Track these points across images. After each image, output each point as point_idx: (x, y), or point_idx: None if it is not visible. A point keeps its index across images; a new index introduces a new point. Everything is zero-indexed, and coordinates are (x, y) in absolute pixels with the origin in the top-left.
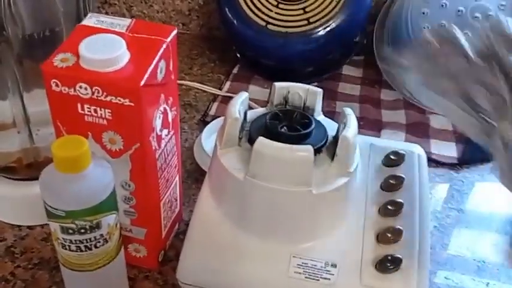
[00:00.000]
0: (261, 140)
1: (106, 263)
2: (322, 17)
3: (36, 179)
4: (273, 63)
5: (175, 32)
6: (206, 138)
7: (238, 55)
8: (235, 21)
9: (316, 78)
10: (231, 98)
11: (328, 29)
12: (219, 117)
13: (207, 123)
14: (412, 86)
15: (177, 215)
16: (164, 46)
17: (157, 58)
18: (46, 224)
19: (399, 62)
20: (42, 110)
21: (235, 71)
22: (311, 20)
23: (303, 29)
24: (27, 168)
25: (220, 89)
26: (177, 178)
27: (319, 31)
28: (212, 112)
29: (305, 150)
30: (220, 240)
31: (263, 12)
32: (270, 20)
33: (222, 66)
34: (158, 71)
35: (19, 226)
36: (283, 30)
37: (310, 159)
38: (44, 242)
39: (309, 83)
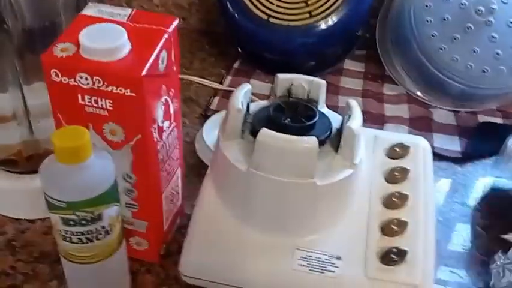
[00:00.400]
0: (264, 131)
1: (107, 256)
2: (324, 10)
3: (37, 172)
4: (274, 57)
5: (176, 22)
6: (208, 132)
7: (239, 49)
8: (236, 15)
9: (318, 72)
10: (232, 92)
11: (330, 22)
12: (220, 111)
13: (209, 117)
14: None
15: (178, 208)
16: (166, 36)
17: (158, 48)
18: (47, 218)
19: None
20: (42, 103)
21: (236, 65)
22: (313, 13)
23: (305, 22)
24: (27, 161)
25: (221, 83)
26: (178, 171)
27: (321, 24)
28: (213, 106)
29: (309, 142)
30: (222, 233)
31: (264, 6)
32: (272, 13)
33: (223, 61)
34: (160, 61)
35: (19, 220)
36: (285, 23)
37: (314, 151)
38: (45, 236)
39: None
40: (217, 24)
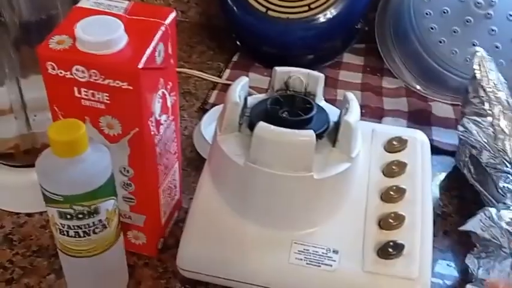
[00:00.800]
0: (262, 125)
1: (105, 249)
2: (323, 3)
3: (34, 165)
4: (273, 50)
5: (173, 14)
6: (206, 126)
7: (238, 43)
8: (235, 8)
9: (316, 66)
10: (230, 86)
11: (329, 15)
12: (218, 105)
13: (207, 111)
14: None
15: (176, 202)
16: (163, 28)
17: (155, 41)
18: (45, 211)
19: None
20: (39, 96)
21: (235, 58)
22: (312, 5)
23: (304, 15)
24: (25, 154)
25: (220, 76)
26: (176, 165)
27: (320, 17)
28: (212, 100)
29: (306, 135)
30: (220, 227)
31: None
32: (271, 6)
33: (222, 54)
34: (157, 53)
35: (17, 213)
36: (284, 16)
37: (312, 144)
38: (43, 230)
39: None
40: (216, 18)
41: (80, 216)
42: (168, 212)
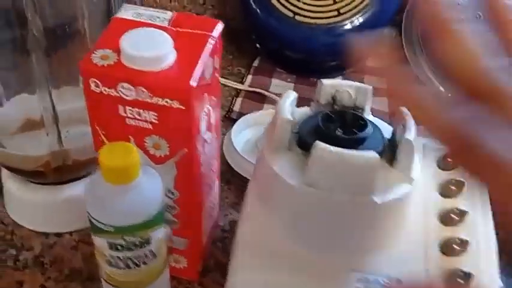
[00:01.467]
0: (320, 145)
1: (153, 280)
2: (353, 8)
3: (64, 183)
4: (297, 55)
5: (221, 26)
6: (235, 137)
7: (258, 46)
8: (259, 12)
9: (340, 72)
10: (254, 92)
11: (358, 20)
12: (243, 113)
13: (232, 119)
14: None
15: (215, 221)
16: (212, 42)
17: (206, 55)
18: (75, 231)
19: None
20: (71, 108)
21: (255, 63)
22: (341, 10)
23: (332, 20)
24: (55, 172)
25: (242, 83)
26: (216, 183)
27: (347, 23)
28: (236, 108)
29: (370, 157)
30: (272, 254)
31: (291, 3)
32: (298, 11)
33: (242, 58)
34: (206, 69)
35: (46, 234)
36: (312, 21)
37: (375, 166)
38: (74, 251)
39: (333, 77)
40: (233, 20)
41: (132, 247)
42: (208, 232)
